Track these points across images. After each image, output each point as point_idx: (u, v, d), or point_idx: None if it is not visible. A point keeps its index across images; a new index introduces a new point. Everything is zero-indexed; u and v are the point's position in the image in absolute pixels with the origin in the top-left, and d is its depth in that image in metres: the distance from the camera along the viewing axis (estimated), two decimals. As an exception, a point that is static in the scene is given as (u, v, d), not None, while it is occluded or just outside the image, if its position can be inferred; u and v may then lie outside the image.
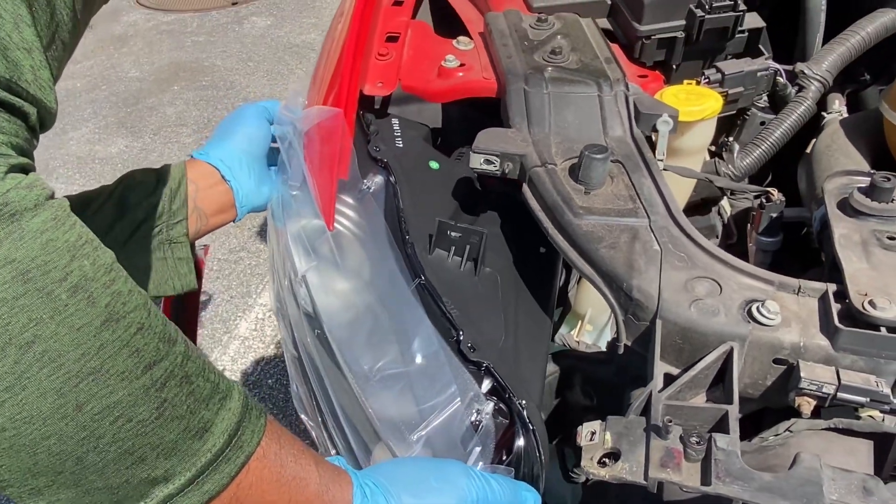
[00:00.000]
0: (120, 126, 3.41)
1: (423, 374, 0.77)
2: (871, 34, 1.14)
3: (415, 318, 0.81)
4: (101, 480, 0.47)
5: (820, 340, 0.68)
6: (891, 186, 0.79)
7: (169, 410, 0.48)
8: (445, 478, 0.67)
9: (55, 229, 0.45)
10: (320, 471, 0.60)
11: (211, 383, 0.52)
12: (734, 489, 0.58)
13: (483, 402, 0.75)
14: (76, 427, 0.44)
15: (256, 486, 0.55)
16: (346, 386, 0.81)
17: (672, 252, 0.77)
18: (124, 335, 0.46)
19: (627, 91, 0.93)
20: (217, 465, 0.51)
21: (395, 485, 0.65)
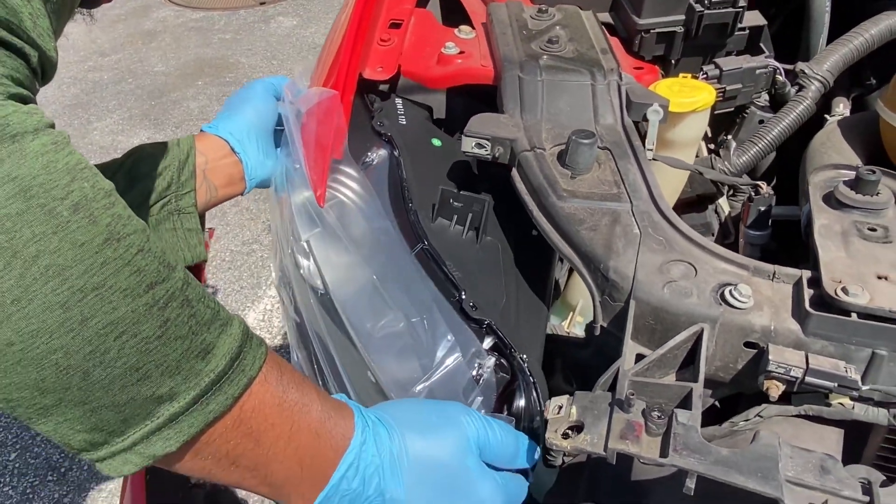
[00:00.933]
0: (144, 118, 3.47)
1: (425, 331, 0.79)
2: (875, 36, 1.13)
3: (415, 280, 0.83)
4: (108, 397, 0.48)
5: (791, 325, 0.68)
6: (875, 179, 0.79)
7: (172, 330, 0.49)
8: (446, 415, 0.68)
9: (55, 152, 0.46)
10: (322, 400, 0.62)
11: (211, 310, 0.53)
12: (690, 461, 0.58)
13: (484, 356, 0.77)
14: (82, 341, 0.46)
15: (259, 410, 0.56)
16: (348, 345, 0.83)
17: (651, 236, 0.77)
18: (125, 254, 0.47)
19: (620, 81, 0.94)
20: (220, 386, 0.53)
21: (396, 419, 0.66)
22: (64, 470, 1.95)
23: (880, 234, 0.75)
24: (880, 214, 0.78)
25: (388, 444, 0.64)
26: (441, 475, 0.65)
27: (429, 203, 0.89)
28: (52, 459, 1.97)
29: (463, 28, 1.10)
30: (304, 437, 0.59)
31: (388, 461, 0.63)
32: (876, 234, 0.75)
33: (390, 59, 1.05)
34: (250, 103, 1.04)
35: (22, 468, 1.96)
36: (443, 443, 0.66)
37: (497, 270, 0.86)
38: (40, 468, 1.96)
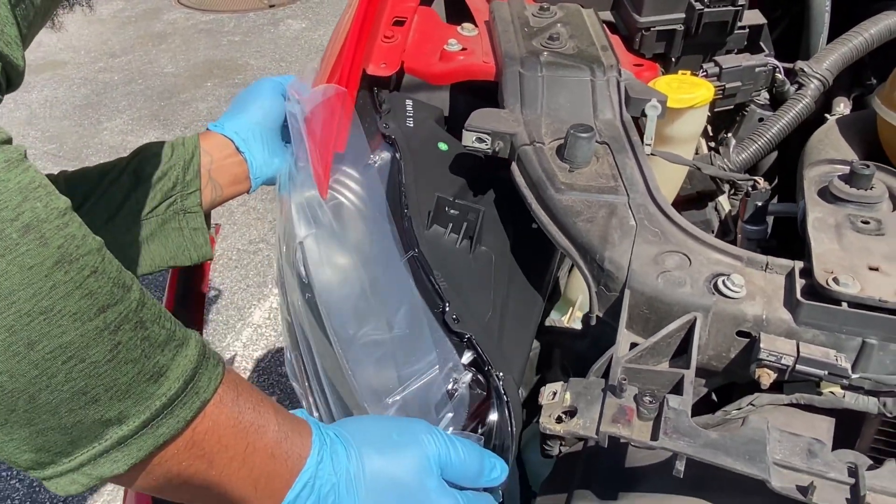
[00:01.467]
0: (153, 119, 3.50)
1: (405, 341, 0.79)
2: (874, 36, 1.14)
3: (403, 288, 0.83)
4: (55, 420, 0.47)
5: (782, 314, 0.69)
6: (869, 174, 0.80)
7: (123, 353, 0.49)
8: (407, 433, 0.68)
9: (7, 171, 0.45)
10: (279, 419, 0.61)
11: (167, 330, 0.52)
12: (680, 444, 0.59)
13: (461, 371, 0.77)
14: (28, 365, 0.45)
15: (213, 432, 0.55)
16: (330, 350, 0.84)
17: (647, 227, 0.79)
18: (77, 277, 0.46)
19: (619, 77, 0.95)
20: (172, 410, 0.52)
21: (355, 437, 0.66)
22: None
23: (873, 227, 0.76)
24: (874, 208, 0.79)
25: (346, 463, 0.63)
26: (399, 494, 0.65)
27: (426, 209, 0.89)
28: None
29: (466, 25, 1.12)
30: (259, 458, 0.59)
31: (343, 480, 0.63)
32: (869, 227, 0.76)
33: (394, 55, 1.06)
34: (257, 102, 1.05)
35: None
36: (402, 461, 0.65)
37: (487, 283, 0.86)
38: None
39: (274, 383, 2.18)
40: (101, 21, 4.30)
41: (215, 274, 2.55)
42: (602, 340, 0.81)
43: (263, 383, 2.18)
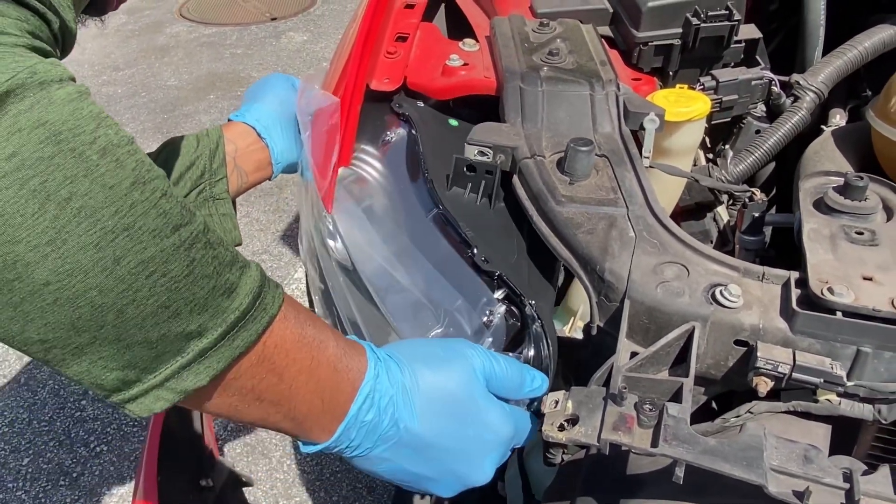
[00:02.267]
0: (156, 131, 3.53)
1: (439, 283, 0.83)
2: (869, 49, 1.16)
3: (431, 241, 0.88)
4: (141, 334, 0.50)
5: (779, 323, 0.71)
6: (863, 185, 0.82)
7: (198, 269, 0.51)
8: (452, 349, 0.72)
9: (80, 100, 0.48)
10: (337, 337, 0.65)
11: (231, 253, 0.55)
12: (679, 451, 0.61)
13: (495, 304, 0.81)
14: (115, 280, 0.47)
15: (281, 346, 0.58)
16: (367, 304, 0.88)
17: (646, 239, 0.80)
18: (151, 197, 0.49)
19: (618, 91, 0.97)
20: (245, 323, 0.55)
21: (405, 355, 0.70)
22: (76, 475, 1.98)
23: (867, 238, 0.78)
24: (868, 219, 0.81)
25: (400, 377, 0.67)
26: (450, 404, 0.69)
27: (444, 175, 0.93)
28: (65, 465, 2.00)
29: (467, 41, 1.14)
30: (324, 371, 0.62)
31: (400, 393, 0.66)
32: (863, 238, 0.78)
33: (396, 71, 1.09)
34: (272, 92, 1.10)
35: (34, 473, 1.99)
36: (450, 374, 0.69)
37: (510, 232, 0.90)
38: (53, 473, 1.99)
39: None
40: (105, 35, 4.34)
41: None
42: (603, 349, 0.82)
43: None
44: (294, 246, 2.77)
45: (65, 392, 2.21)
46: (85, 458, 2.02)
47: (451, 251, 0.85)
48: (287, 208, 2.94)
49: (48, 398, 2.19)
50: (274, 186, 3.06)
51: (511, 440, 0.74)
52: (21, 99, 0.45)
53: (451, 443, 0.69)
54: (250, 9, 4.88)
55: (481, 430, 0.71)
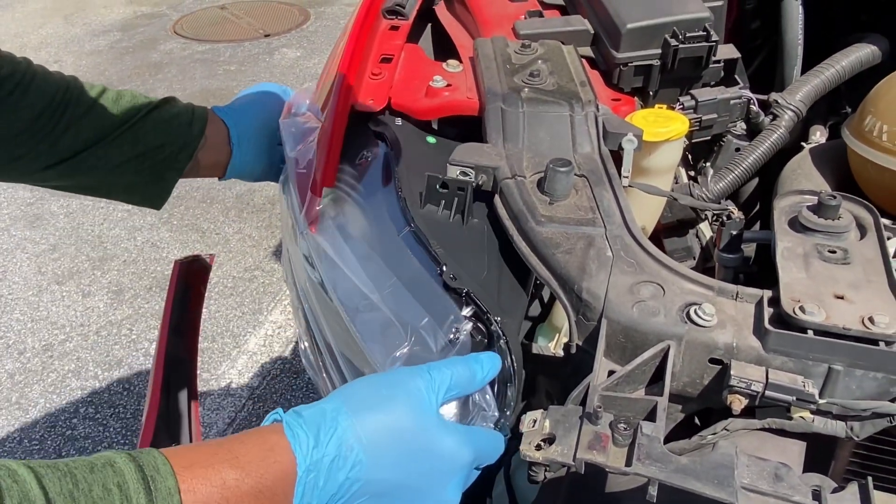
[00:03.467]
0: (149, 148, 3.54)
1: (408, 301, 0.84)
2: (846, 68, 1.19)
3: (402, 259, 0.89)
4: None
5: (752, 342, 0.72)
6: (836, 204, 0.83)
7: None
8: (394, 383, 0.71)
9: None
10: (246, 472, 0.61)
11: None
12: (652, 470, 0.62)
13: (462, 321, 0.82)
14: None
15: None
16: (340, 323, 0.88)
17: (623, 258, 0.81)
18: None
19: (597, 112, 0.99)
20: None
21: (346, 403, 0.67)
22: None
23: (839, 256, 0.79)
24: (841, 237, 0.82)
25: (338, 434, 0.65)
26: (400, 442, 0.67)
27: (418, 191, 0.94)
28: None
29: (451, 62, 1.16)
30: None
31: (342, 450, 0.65)
32: (835, 256, 0.79)
33: (381, 92, 1.10)
34: (261, 102, 1.11)
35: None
36: (395, 411, 0.68)
37: (481, 249, 0.91)
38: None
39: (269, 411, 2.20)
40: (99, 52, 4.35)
41: (210, 301, 2.57)
42: (582, 368, 0.83)
43: (259, 410, 2.20)
44: (286, 262, 2.78)
45: (56, 410, 2.21)
46: (76, 476, 2.02)
47: (420, 269, 0.86)
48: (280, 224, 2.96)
49: (39, 417, 2.19)
50: (267, 203, 3.07)
51: (472, 463, 0.73)
52: None
53: (408, 480, 0.68)
54: (244, 26, 4.91)
55: (436, 462, 0.70)
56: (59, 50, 4.42)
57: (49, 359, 2.37)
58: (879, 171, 0.94)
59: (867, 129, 0.95)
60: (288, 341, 2.43)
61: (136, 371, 2.35)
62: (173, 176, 1.07)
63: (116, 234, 2.94)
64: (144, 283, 2.68)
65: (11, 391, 2.27)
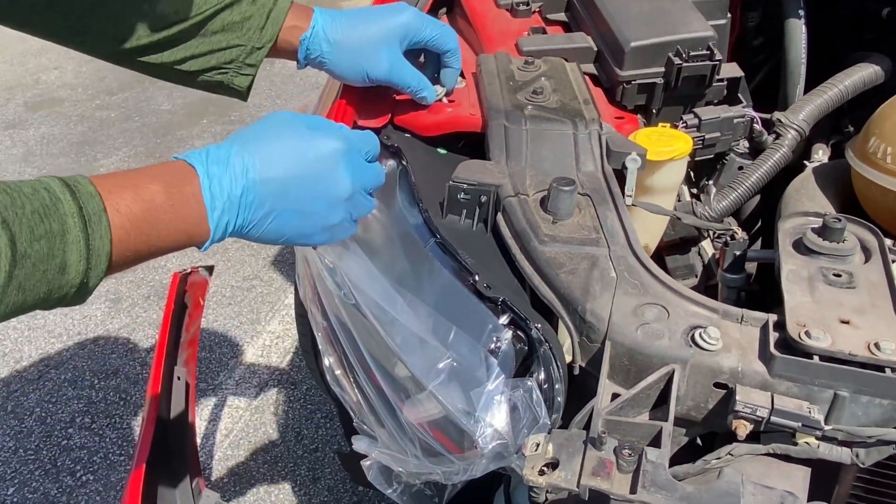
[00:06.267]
0: (149, 156, 3.53)
1: (443, 313, 0.84)
2: (849, 87, 1.18)
3: (432, 268, 0.89)
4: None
5: (757, 366, 0.72)
6: (841, 227, 0.83)
7: (29, 286, 0.60)
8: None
9: None
10: (166, 196, 0.69)
11: (46, 240, 0.60)
12: (657, 498, 0.61)
13: (501, 330, 0.82)
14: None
15: (128, 250, 0.67)
16: (373, 338, 0.88)
17: (627, 279, 0.81)
18: None
19: (601, 130, 0.99)
20: (89, 274, 0.64)
21: (234, 141, 0.75)
22: (61, 505, 1.96)
23: (844, 280, 0.79)
24: (846, 261, 0.82)
25: (229, 149, 0.73)
26: (284, 145, 0.76)
27: (437, 204, 0.94)
28: (51, 494, 1.99)
29: (454, 78, 1.15)
30: (171, 230, 0.69)
31: (233, 165, 0.72)
32: (840, 280, 0.79)
33: (383, 107, 1.10)
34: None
35: (20, 502, 1.97)
36: (278, 135, 0.77)
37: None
38: (38, 503, 1.97)
39: (266, 422, 2.18)
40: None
41: (208, 311, 2.56)
42: (585, 390, 0.83)
43: (257, 421, 2.19)
44: (284, 272, 2.77)
45: (52, 420, 2.19)
46: (71, 487, 2.00)
47: (452, 280, 0.85)
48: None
49: (35, 426, 2.17)
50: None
51: (352, 148, 0.80)
52: None
53: (301, 169, 0.75)
54: (244, 34, 4.92)
55: (320, 150, 0.77)
56: (59, 56, 4.41)
57: (45, 368, 2.36)
58: (883, 193, 0.94)
59: (871, 151, 0.95)
60: (286, 352, 2.42)
61: (133, 380, 2.33)
62: (243, 83, 1.06)
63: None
64: (142, 292, 2.67)
65: (7, 400, 2.26)
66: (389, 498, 2.00)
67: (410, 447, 0.86)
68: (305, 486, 2.00)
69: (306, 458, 2.07)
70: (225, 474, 2.03)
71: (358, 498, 1.96)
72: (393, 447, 0.90)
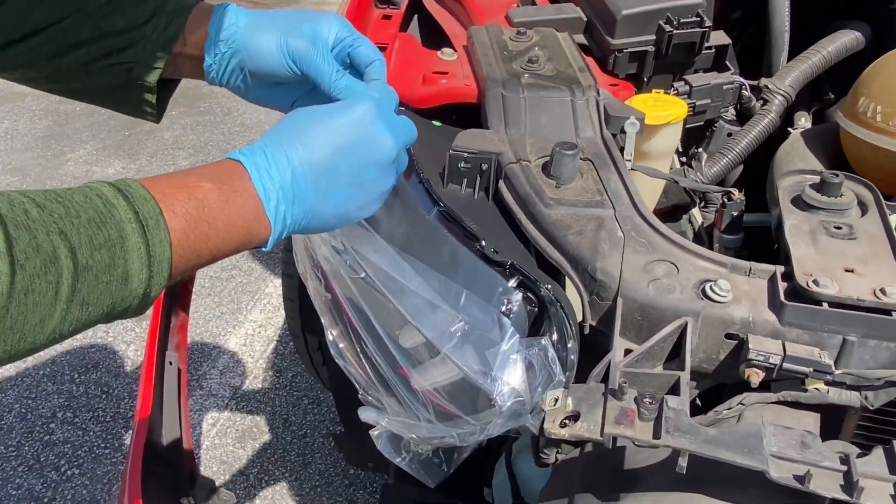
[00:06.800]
0: (117, 149, 3.47)
1: (453, 279, 0.84)
2: (832, 53, 1.21)
3: (438, 237, 0.89)
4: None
5: (767, 316, 0.73)
6: (839, 182, 0.85)
7: (93, 301, 0.57)
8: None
9: None
10: (219, 193, 0.65)
11: (107, 250, 0.57)
12: (682, 442, 0.63)
13: (511, 292, 0.82)
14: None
15: (189, 254, 0.63)
16: (383, 308, 0.87)
17: (634, 238, 0.82)
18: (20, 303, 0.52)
19: (598, 96, 1.00)
20: (152, 281, 0.60)
21: (281, 133, 0.71)
22: (47, 500, 1.93)
23: (845, 232, 0.81)
24: (844, 214, 0.84)
25: (263, 142, 0.71)
26: (329, 130, 0.72)
27: (437, 174, 0.94)
28: (35, 490, 1.95)
29: (445, 50, 1.16)
30: (231, 232, 0.66)
31: (286, 146, 0.70)
32: (841, 232, 0.81)
33: (377, 80, 1.09)
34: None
35: (4, 499, 1.93)
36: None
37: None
38: (23, 499, 1.93)
39: (253, 410, 2.17)
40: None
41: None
42: (595, 347, 0.84)
43: (243, 410, 2.17)
44: (263, 261, 2.74)
45: (32, 416, 2.15)
46: (56, 482, 1.97)
47: (458, 246, 0.86)
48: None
49: (15, 423, 2.13)
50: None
51: (378, 98, 0.77)
52: None
53: (337, 141, 0.72)
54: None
55: (343, 114, 0.73)
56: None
57: (22, 363, 2.31)
58: (874, 151, 0.96)
59: (861, 111, 0.97)
60: (269, 340, 2.40)
61: (113, 374, 2.30)
62: (154, 78, 0.85)
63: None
64: (119, 285, 2.63)
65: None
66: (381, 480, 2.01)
67: (423, 412, 0.86)
68: (296, 471, 1.99)
69: (295, 444, 2.06)
70: (214, 463, 2.01)
71: (350, 481, 1.96)
72: (403, 414, 0.91)
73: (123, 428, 2.11)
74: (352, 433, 1.59)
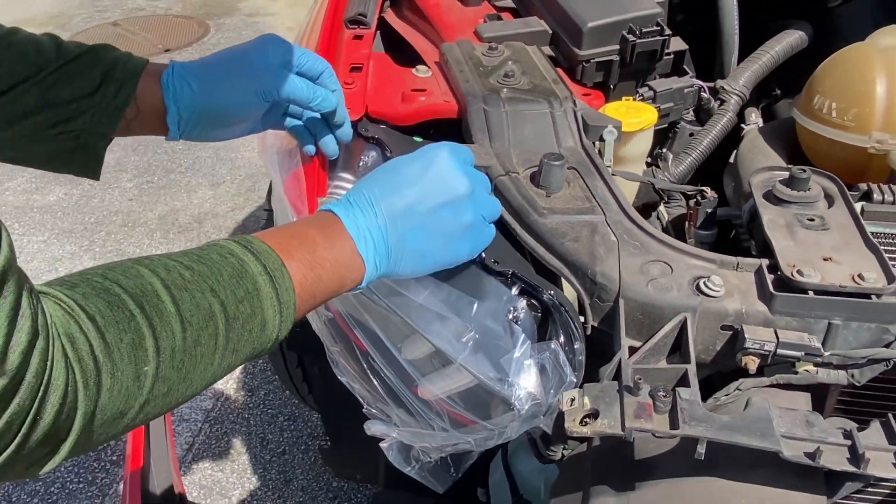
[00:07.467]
0: (57, 175, 3.37)
1: (456, 289, 0.87)
2: (780, 52, 1.29)
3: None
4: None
5: (759, 307, 0.79)
6: (807, 177, 0.92)
7: (244, 344, 0.64)
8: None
9: None
10: (324, 236, 0.74)
11: (248, 304, 0.64)
12: (699, 430, 0.68)
13: (516, 300, 0.86)
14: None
15: (310, 295, 0.71)
16: (390, 321, 0.90)
17: (627, 241, 0.87)
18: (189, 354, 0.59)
19: (575, 107, 1.04)
20: (281, 331, 0.68)
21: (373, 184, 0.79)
22: (22, 541, 1.89)
23: (818, 223, 0.87)
24: (813, 206, 0.91)
25: (346, 195, 0.79)
26: (412, 175, 0.80)
27: None
28: (8, 532, 1.90)
29: (420, 67, 1.19)
30: (336, 273, 0.74)
31: (374, 202, 0.77)
32: (815, 224, 0.87)
33: (357, 100, 1.12)
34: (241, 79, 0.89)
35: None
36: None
37: (504, 232, 0.94)
38: (-4, 543, 1.89)
39: (228, 431, 2.16)
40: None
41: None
42: (599, 348, 0.89)
43: (217, 433, 2.15)
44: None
45: None
46: (29, 522, 1.93)
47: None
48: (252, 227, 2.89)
49: None
50: (192, 221, 3.00)
51: (450, 145, 0.83)
52: None
53: (412, 182, 0.79)
54: (141, 41, 4.75)
55: (416, 156, 0.81)
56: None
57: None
58: (830, 144, 1.04)
59: (816, 108, 1.05)
60: (236, 360, 2.40)
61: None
62: (100, 143, 0.86)
63: (35, 268, 2.81)
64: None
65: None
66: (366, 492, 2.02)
67: (438, 421, 0.89)
68: (278, 489, 1.99)
69: (275, 462, 2.06)
70: (194, 489, 2.00)
71: (334, 494, 1.97)
72: (415, 424, 0.94)
73: (96, 461, 2.07)
74: (340, 446, 1.61)
